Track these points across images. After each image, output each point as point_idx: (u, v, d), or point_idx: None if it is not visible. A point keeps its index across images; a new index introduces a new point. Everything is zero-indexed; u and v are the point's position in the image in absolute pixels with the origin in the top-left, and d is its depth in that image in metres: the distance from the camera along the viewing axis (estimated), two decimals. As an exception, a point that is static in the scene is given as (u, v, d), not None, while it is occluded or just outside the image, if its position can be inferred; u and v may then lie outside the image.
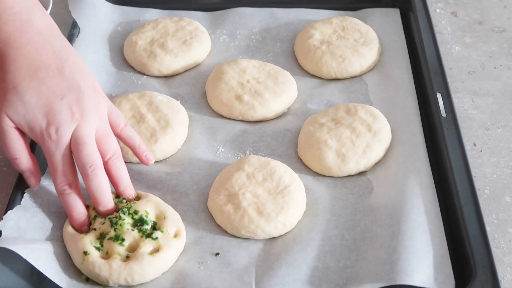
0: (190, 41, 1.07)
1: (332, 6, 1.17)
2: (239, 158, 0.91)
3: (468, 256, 0.74)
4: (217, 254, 0.79)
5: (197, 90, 1.03)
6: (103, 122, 0.80)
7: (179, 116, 0.94)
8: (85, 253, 0.74)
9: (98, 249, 0.76)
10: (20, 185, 0.83)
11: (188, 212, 0.84)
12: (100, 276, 0.73)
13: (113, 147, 0.80)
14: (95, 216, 0.79)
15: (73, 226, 0.78)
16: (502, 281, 0.78)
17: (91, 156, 0.77)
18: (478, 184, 0.90)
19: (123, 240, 0.76)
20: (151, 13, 1.17)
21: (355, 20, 1.10)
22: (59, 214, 0.82)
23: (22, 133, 0.79)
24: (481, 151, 0.95)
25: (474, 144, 0.96)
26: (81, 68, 0.81)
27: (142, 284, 0.75)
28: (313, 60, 1.04)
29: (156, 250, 0.76)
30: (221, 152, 0.92)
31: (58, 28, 0.84)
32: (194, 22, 1.11)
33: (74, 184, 0.78)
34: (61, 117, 0.77)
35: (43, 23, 0.81)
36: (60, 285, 0.73)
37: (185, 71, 1.06)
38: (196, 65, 1.07)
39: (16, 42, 0.78)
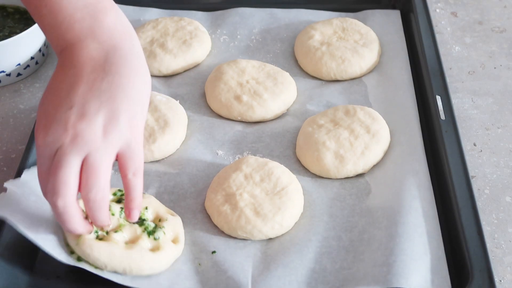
0: (190, 41, 1.07)
1: (332, 7, 1.17)
2: (237, 158, 0.91)
3: (465, 259, 0.74)
4: (213, 252, 0.79)
5: (196, 90, 1.03)
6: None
7: (178, 116, 0.94)
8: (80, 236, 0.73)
9: (96, 231, 0.74)
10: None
11: (185, 212, 0.84)
12: (98, 260, 0.72)
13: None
14: None
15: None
16: (501, 281, 0.78)
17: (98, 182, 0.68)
18: (478, 184, 0.90)
19: (122, 231, 0.75)
20: (152, 13, 1.17)
21: (355, 21, 1.10)
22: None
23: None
24: (481, 151, 0.95)
25: (474, 144, 0.96)
26: (123, 78, 0.70)
27: (139, 281, 0.75)
28: (313, 61, 1.04)
29: (156, 249, 0.75)
30: (219, 153, 0.92)
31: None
32: (194, 22, 1.11)
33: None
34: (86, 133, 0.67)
35: (100, 23, 0.72)
36: (59, 258, 0.71)
37: (185, 71, 1.06)
38: (196, 65, 1.07)
39: (74, 47, 0.71)
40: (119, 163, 0.70)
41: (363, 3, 1.17)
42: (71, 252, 0.73)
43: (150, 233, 0.76)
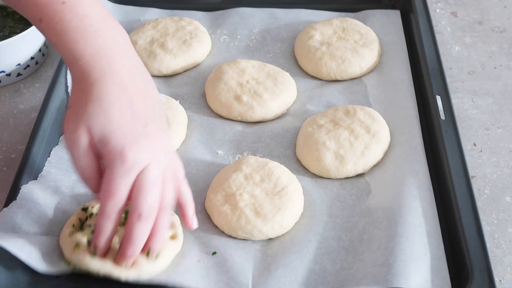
0: (190, 41, 1.07)
1: (332, 7, 1.17)
2: (237, 158, 0.91)
3: (465, 259, 0.74)
4: (214, 253, 0.79)
5: (196, 90, 1.03)
6: (170, 167, 0.73)
7: (178, 116, 0.94)
8: (76, 245, 0.74)
9: (90, 242, 0.75)
10: (18, 185, 0.83)
11: (185, 212, 0.84)
12: (90, 268, 0.73)
13: (169, 197, 0.73)
14: (91, 214, 0.79)
15: (94, 244, 0.74)
16: (502, 281, 0.78)
17: (153, 204, 0.70)
18: (478, 184, 0.90)
19: (117, 236, 0.75)
20: (152, 13, 1.17)
21: (356, 21, 1.10)
22: (55, 209, 0.82)
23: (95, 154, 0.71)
24: (481, 151, 0.95)
25: (474, 144, 0.96)
26: (158, 97, 0.74)
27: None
28: (313, 61, 1.04)
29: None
30: (219, 153, 0.92)
31: None
32: (194, 22, 1.11)
33: (121, 212, 0.70)
34: (142, 144, 0.69)
35: (124, 39, 0.74)
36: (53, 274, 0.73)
37: (185, 71, 1.06)
38: (196, 65, 1.07)
39: (107, 57, 0.70)
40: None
41: (363, 3, 1.17)
42: (67, 263, 0.75)
43: None
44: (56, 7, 0.69)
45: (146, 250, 0.73)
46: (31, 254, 0.73)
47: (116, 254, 0.73)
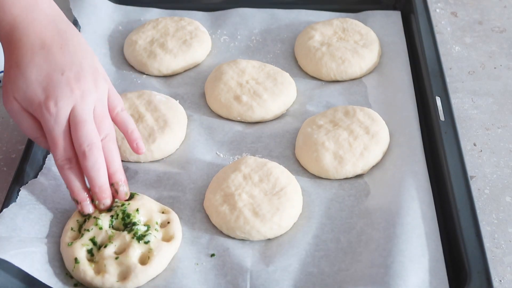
0: (190, 41, 1.07)
1: (333, 7, 1.17)
2: (236, 158, 0.91)
3: (463, 261, 0.74)
4: (212, 255, 0.79)
5: (196, 90, 1.03)
6: (101, 102, 0.79)
7: (177, 116, 0.94)
8: (76, 260, 0.74)
9: (89, 251, 0.75)
10: (17, 184, 0.83)
11: (184, 212, 0.84)
12: (92, 285, 0.74)
13: (107, 129, 0.79)
14: (89, 217, 0.79)
15: (75, 200, 0.78)
16: (502, 281, 0.78)
17: (90, 135, 0.76)
18: (478, 184, 0.90)
19: (112, 243, 0.76)
20: (152, 13, 1.17)
21: (356, 22, 1.10)
22: (56, 210, 0.82)
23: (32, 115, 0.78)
24: (481, 151, 0.95)
25: (474, 144, 0.96)
26: (84, 48, 0.80)
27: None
28: (313, 62, 1.04)
29: (148, 255, 0.75)
30: (218, 153, 0.92)
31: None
32: (194, 22, 1.11)
33: (74, 159, 0.77)
34: (61, 91, 0.75)
35: (49, 7, 0.81)
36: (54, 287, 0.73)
37: (185, 71, 1.06)
38: (196, 65, 1.07)
39: (22, 22, 0.77)
40: (108, 104, 0.81)
41: (363, 3, 1.17)
42: (70, 276, 0.76)
43: (140, 238, 0.76)
44: None
45: (114, 188, 0.78)
46: (33, 266, 0.73)
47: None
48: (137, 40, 1.07)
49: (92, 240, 0.76)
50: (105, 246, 0.75)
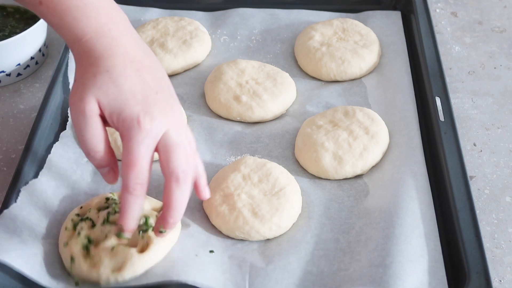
0: (190, 41, 1.07)
1: (333, 8, 1.17)
2: (236, 159, 0.91)
3: (462, 261, 0.74)
4: (211, 251, 0.78)
5: (196, 90, 1.03)
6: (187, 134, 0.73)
7: (177, 116, 0.94)
8: (72, 259, 0.74)
9: (85, 247, 0.75)
10: (17, 184, 0.83)
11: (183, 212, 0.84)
12: (90, 280, 0.74)
13: (193, 165, 0.72)
14: (86, 218, 0.79)
15: (120, 225, 0.71)
16: (502, 281, 0.78)
17: (186, 160, 0.69)
18: (478, 184, 0.90)
19: (107, 237, 0.75)
20: (152, 13, 1.17)
21: (356, 22, 1.10)
22: (56, 212, 0.82)
23: (104, 123, 0.70)
24: (481, 151, 0.95)
25: (474, 144, 0.96)
26: (165, 73, 0.75)
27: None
28: (313, 62, 1.04)
29: (147, 243, 0.75)
30: (218, 153, 0.92)
31: None
32: (194, 22, 1.11)
33: (145, 186, 0.69)
34: (158, 110, 0.68)
35: (124, 17, 0.75)
36: None
37: (185, 71, 1.07)
38: (196, 65, 1.07)
39: (110, 32, 0.71)
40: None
41: (364, 4, 1.17)
42: (71, 276, 0.75)
43: (138, 227, 0.76)
44: None
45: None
46: (34, 268, 0.73)
47: (156, 222, 0.73)
48: (137, 40, 1.07)
49: (88, 237, 0.76)
50: (102, 241, 0.75)
